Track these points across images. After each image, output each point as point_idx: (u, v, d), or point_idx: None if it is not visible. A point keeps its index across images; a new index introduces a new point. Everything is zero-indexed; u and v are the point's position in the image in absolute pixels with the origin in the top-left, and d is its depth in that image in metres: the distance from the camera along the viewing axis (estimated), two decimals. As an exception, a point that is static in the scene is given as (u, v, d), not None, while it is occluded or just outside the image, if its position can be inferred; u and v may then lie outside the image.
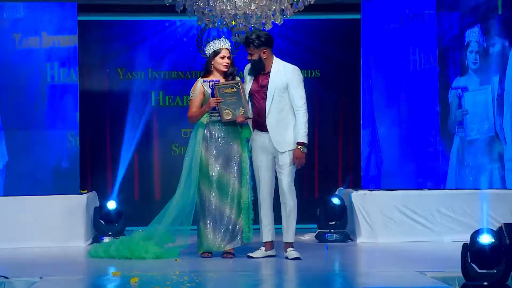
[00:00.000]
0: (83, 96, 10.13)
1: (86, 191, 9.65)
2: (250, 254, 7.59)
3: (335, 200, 9.23)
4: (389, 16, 10.04)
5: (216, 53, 7.72)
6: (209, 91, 7.65)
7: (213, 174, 7.66)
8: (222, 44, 7.73)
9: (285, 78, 7.49)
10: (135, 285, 6.14)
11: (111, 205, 9.15)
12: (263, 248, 7.63)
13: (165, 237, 7.77)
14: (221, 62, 7.70)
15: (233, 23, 7.78)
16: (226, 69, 7.71)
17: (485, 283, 5.88)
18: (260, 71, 7.55)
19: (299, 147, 7.45)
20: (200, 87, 7.69)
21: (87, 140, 10.15)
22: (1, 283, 6.30)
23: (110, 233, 9.04)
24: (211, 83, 7.65)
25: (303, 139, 7.47)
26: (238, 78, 7.76)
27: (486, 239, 5.96)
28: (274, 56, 7.57)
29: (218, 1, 7.61)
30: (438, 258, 7.68)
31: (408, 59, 10.30)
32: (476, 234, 6.05)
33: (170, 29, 10.42)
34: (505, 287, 5.91)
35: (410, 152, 10.45)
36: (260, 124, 7.56)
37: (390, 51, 10.20)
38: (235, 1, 7.61)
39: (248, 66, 7.68)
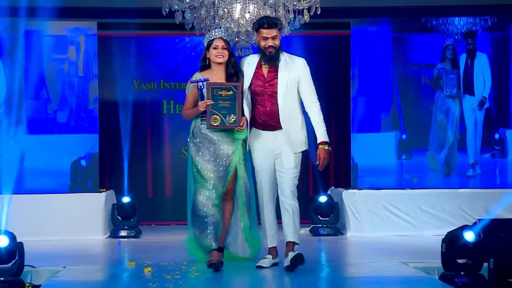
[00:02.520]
0: (103, 104, 10.16)
1: (104, 189, 9.65)
2: (259, 264, 6.44)
3: (322, 198, 9.29)
4: (376, 33, 10.00)
5: (209, 44, 6.50)
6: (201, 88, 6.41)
7: (207, 176, 6.50)
8: (216, 34, 6.47)
9: (295, 71, 6.33)
10: (148, 274, 6.18)
11: (126, 201, 9.19)
12: (270, 256, 6.51)
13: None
14: (214, 53, 6.45)
15: (236, 39, 7.74)
16: (220, 60, 6.43)
17: (462, 273, 5.97)
18: (277, 61, 6.32)
19: (322, 146, 6.26)
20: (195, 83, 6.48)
21: (106, 143, 10.19)
22: (29, 272, 6.37)
23: (126, 227, 9.08)
24: (199, 83, 6.38)
25: (326, 137, 6.30)
26: (242, 73, 6.44)
27: (470, 235, 6.05)
28: None
29: (223, 20, 7.60)
30: (420, 250, 7.71)
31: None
32: (460, 230, 6.13)
33: (180, 45, 10.36)
34: (479, 276, 6.01)
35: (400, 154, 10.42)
36: (265, 125, 6.34)
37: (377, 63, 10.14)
38: (238, 20, 7.62)
39: (251, 59, 6.46)
